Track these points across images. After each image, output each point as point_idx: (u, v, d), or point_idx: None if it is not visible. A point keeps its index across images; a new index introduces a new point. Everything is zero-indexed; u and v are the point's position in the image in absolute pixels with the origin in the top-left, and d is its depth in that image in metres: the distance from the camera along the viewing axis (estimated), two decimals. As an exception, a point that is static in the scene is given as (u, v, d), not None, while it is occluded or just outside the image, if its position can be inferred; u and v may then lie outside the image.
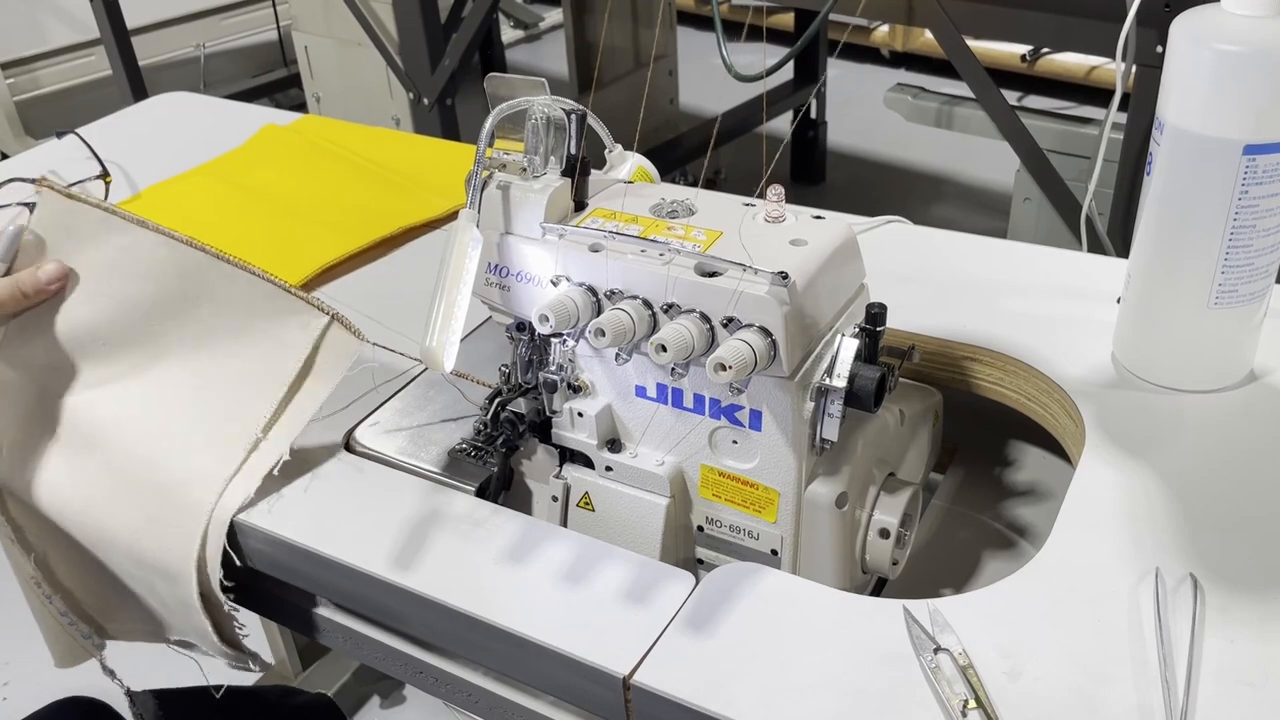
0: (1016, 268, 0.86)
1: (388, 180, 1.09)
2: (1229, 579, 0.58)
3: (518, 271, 0.67)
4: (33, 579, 0.75)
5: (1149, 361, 0.72)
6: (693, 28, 3.47)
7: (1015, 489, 0.82)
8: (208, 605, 0.70)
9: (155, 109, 1.36)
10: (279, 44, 3.08)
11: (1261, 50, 0.61)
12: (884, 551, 0.67)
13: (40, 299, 0.70)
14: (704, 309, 0.60)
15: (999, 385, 0.77)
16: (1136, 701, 0.52)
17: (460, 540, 0.65)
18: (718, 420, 0.65)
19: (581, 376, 0.68)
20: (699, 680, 0.55)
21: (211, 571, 0.68)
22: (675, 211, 0.66)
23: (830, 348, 0.63)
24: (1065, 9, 1.25)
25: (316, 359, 0.70)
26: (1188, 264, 0.68)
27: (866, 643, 0.56)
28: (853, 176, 2.90)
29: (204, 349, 0.71)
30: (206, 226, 0.99)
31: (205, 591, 0.69)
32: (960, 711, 0.51)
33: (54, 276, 0.70)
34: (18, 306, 0.70)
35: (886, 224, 0.92)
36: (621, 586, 0.61)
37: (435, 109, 2.06)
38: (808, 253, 0.61)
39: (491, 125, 0.65)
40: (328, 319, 0.70)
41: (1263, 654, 0.54)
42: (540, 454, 0.72)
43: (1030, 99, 3.10)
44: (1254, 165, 0.63)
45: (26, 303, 0.70)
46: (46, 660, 0.83)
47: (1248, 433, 0.68)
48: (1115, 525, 0.62)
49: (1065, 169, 1.43)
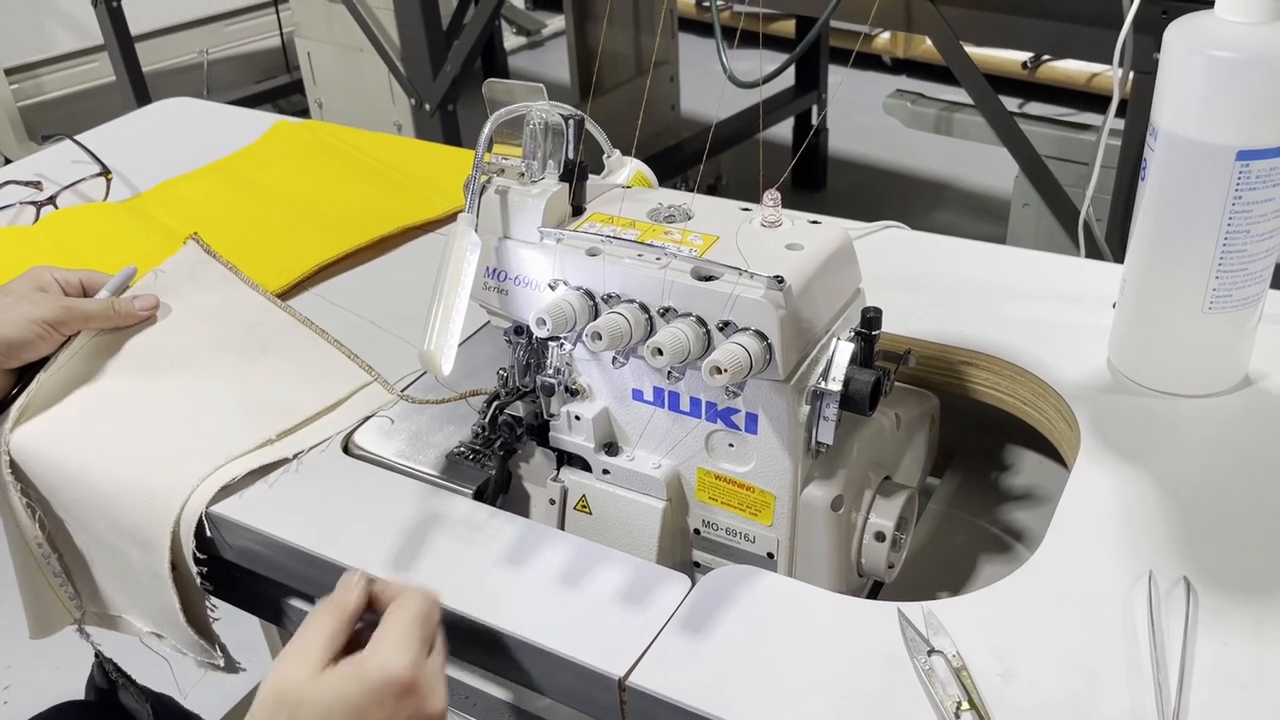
0: (1013, 273, 0.86)
1: (391, 179, 1.10)
2: (1223, 582, 0.58)
3: (516, 275, 0.68)
4: (36, 539, 0.79)
5: (1144, 366, 0.73)
6: (695, 34, 3.49)
7: (1011, 493, 0.82)
8: (178, 580, 0.71)
9: (158, 114, 1.37)
10: (282, 50, 3.09)
11: (1255, 56, 0.61)
12: (880, 555, 0.68)
13: (129, 323, 0.82)
14: (700, 313, 0.61)
15: (995, 390, 0.78)
16: (1130, 704, 0.52)
17: (458, 543, 0.66)
18: (714, 423, 0.65)
19: (579, 380, 0.69)
20: (694, 682, 0.55)
21: (184, 540, 0.69)
22: (672, 216, 0.66)
23: (826, 352, 0.63)
24: (1063, 16, 1.26)
25: (346, 402, 0.79)
26: (1182, 269, 0.68)
27: (862, 645, 0.57)
28: (854, 182, 2.90)
29: (250, 377, 0.80)
30: (210, 224, 1.00)
31: (177, 563, 0.70)
32: (954, 714, 0.52)
33: (147, 307, 0.82)
34: (109, 324, 0.81)
35: (884, 229, 0.93)
36: (618, 589, 0.61)
37: (437, 114, 2.07)
38: (804, 257, 0.62)
39: (490, 130, 0.66)
40: (371, 381, 0.80)
41: (1256, 657, 0.54)
42: (538, 457, 0.72)
43: (1031, 105, 3.11)
44: (1247, 170, 0.63)
45: (119, 322, 0.81)
46: (46, 665, 0.84)
47: (1242, 437, 0.68)
48: (1110, 529, 0.62)
49: (1064, 175, 1.44)
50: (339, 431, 0.75)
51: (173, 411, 0.77)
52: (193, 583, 0.71)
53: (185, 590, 0.72)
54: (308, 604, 0.74)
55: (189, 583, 0.71)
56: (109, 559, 0.77)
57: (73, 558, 0.81)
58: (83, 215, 1.06)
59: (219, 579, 0.73)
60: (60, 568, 0.81)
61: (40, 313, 0.77)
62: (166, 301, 0.84)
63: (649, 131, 2.52)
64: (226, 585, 0.74)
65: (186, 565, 0.70)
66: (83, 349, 0.80)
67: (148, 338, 0.82)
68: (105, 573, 0.80)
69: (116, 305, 0.81)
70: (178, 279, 0.86)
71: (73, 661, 0.88)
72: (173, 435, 0.75)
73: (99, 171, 1.13)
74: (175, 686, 0.90)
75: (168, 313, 0.84)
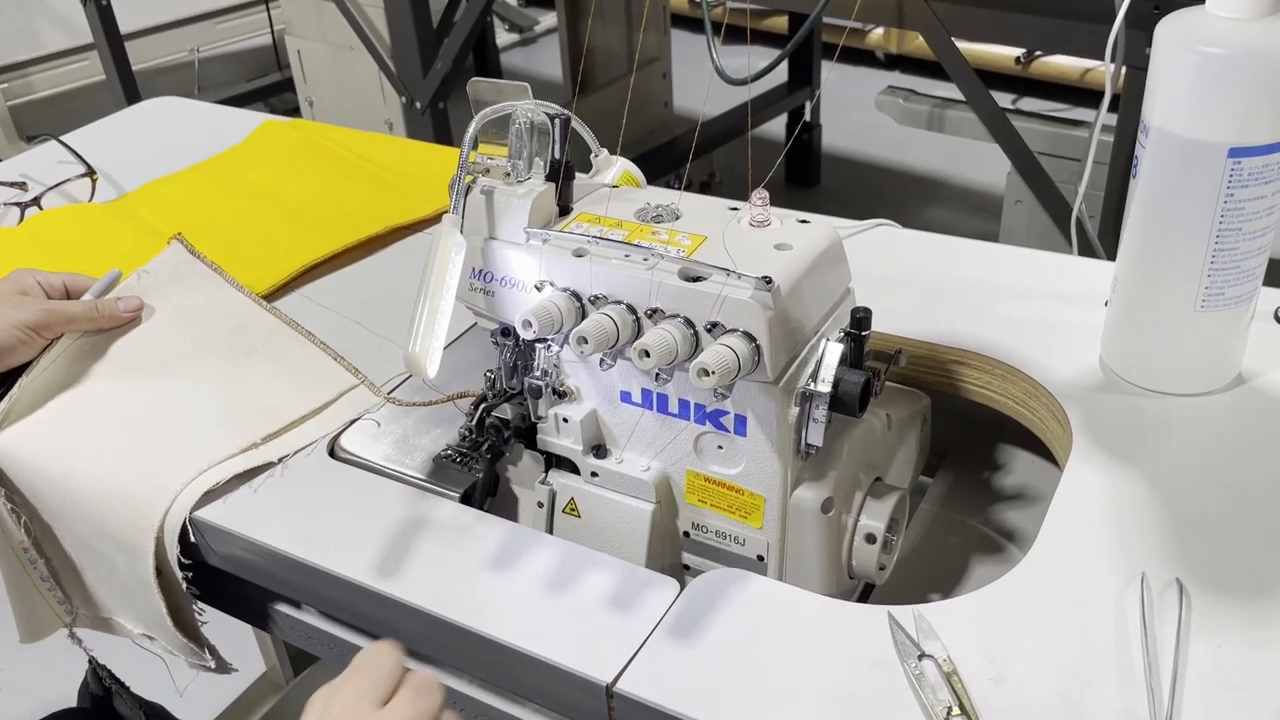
0: (1005, 271, 0.86)
1: (378, 178, 1.09)
2: (1215, 584, 0.57)
3: (502, 277, 0.67)
4: (21, 544, 0.78)
5: (1136, 365, 0.72)
6: (688, 30, 3.48)
7: (1003, 493, 0.81)
8: (164, 585, 0.71)
9: (146, 114, 1.36)
10: (273, 48, 3.08)
11: (1246, 52, 0.60)
12: (870, 557, 0.67)
13: (113, 325, 0.81)
14: (688, 314, 0.60)
15: (987, 389, 0.77)
16: (1121, 707, 0.52)
17: (445, 547, 0.65)
18: (703, 425, 0.65)
19: (566, 382, 0.68)
20: (683, 687, 0.55)
21: (169, 545, 0.68)
22: (660, 216, 0.65)
23: (815, 353, 0.63)
24: (1054, 12, 1.25)
25: (332, 405, 0.78)
26: (1174, 267, 0.67)
27: (852, 649, 0.56)
28: (848, 179, 2.90)
29: (235, 380, 0.79)
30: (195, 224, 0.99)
31: (162, 568, 0.70)
32: (944, 718, 0.51)
33: (131, 309, 0.81)
34: (92, 327, 0.80)
35: (875, 227, 0.92)
36: (606, 593, 0.61)
37: (428, 113, 2.06)
38: (792, 257, 0.61)
39: (475, 130, 0.65)
40: (358, 384, 0.79)
41: (1248, 659, 0.53)
42: (526, 460, 0.72)
43: (1025, 101, 3.10)
44: (1239, 168, 0.63)
45: (102, 324, 0.80)
46: (39, 668, 0.84)
47: (1235, 436, 0.68)
48: (1102, 529, 0.62)
49: (1056, 171, 1.43)
50: (325, 435, 0.75)
51: (156, 415, 0.76)
52: (179, 587, 0.71)
53: (172, 595, 0.72)
54: (294, 609, 0.73)
55: (175, 587, 0.71)
56: (96, 563, 0.77)
57: (61, 562, 0.80)
58: (68, 216, 1.05)
59: (205, 584, 0.72)
60: (48, 572, 0.80)
61: (22, 316, 0.77)
62: (150, 303, 0.83)
63: (642, 128, 2.51)
64: (213, 590, 0.74)
65: (172, 571, 0.69)
66: (65, 352, 0.79)
67: (131, 340, 0.81)
68: (94, 576, 0.79)
69: (100, 307, 0.81)
70: (161, 280, 0.85)
71: (65, 664, 0.87)
72: (155, 440, 0.74)
73: (84, 172, 1.12)
74: (173, 685, 0.89)
75: (151, 314, 0.83)
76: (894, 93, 2.09)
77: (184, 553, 0.69)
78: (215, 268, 0.86)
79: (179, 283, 0.85)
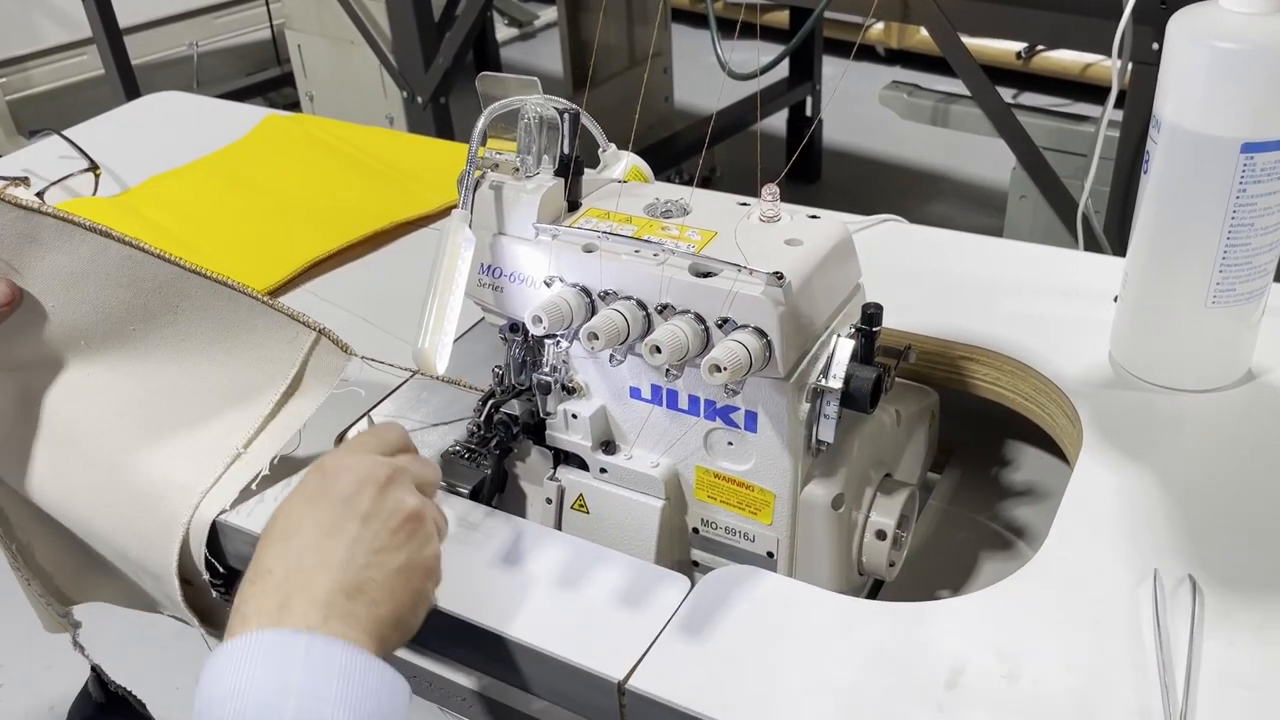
0: (1013, 267, 0.86)
1: (382, 174, 1.09)
2: (1228, 581, 0.57)
3: (511, 272, 0.67)
4: (12, 565, 0.77)
5: (1147, 361, 0.72)
6: (689, 25, 3.47)
7: (1013, 489, 0.81)
8: (193, 600, 0.69)
9: (146, 109, 1.35)
10: (272, 43, 3.07)
11: (1259, 48, 0.60)
12: (881, 553, 0.67)
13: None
14: (699, 310, 0.60)
15: (996, 385, 0.77)
16: (1135, 704, 0.51)
17: (454, 544, 0.65)
18: (713, 422, 0.64)
19: (575, 378, 0.68)
20: (694, 684, 0.54)
21: (194, 575, 0.67)
22: (669, 211, 0.65)
23: (826, 348, 0.62)
24: (1060, 6, 1.25)
25: (304, 376, 0.70)
26: (1185, 263, 0.67)
27: (863, 646, 0.56)
28: (849, 174, 2.89)
29: (187, 357, 0.69)
30: (200, 220, 0.98)
31: (190, 579, 0.69)
32: None
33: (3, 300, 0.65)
34: None
35: (882, 223, 0.92)
36: (616, 590, 0.60)
37: (429, 107, 2.05)
38: (803, 253, 0.61)
39: (484, 125, 0.65)
40: (315, 335, 0.69)
41: (1262, 656, 0.53)
42: (534, 456, 0.71)
43: (1025, 96, 3.10)
44: (1252, 163, 0.62)
45: None
46: (41, 664, 0.84)
47: (1246, 432, 0.68)
48: (1113, 526, 0.61)
49: (1061, 167, 1.43)
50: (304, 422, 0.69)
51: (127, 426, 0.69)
52: (208, 594, 0.70)
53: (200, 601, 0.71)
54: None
55: (205, 595, 0.70)
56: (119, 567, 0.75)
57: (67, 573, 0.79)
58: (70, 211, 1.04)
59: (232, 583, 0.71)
60: (42, 589, 0.79)
61: None
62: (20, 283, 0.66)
63: (643, 124, 2.51)
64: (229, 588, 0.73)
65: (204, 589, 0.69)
66: None
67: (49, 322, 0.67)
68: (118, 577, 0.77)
69: None
70: (19, 245, 0.65)
71: (66, 661, 0.87)
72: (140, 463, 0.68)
73: (87, 167, 1.12)
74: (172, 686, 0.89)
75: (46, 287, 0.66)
76: (898, 88, 2.08)
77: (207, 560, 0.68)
78: (68, 216, 0.65)
79: (37, 244, 0.65)
